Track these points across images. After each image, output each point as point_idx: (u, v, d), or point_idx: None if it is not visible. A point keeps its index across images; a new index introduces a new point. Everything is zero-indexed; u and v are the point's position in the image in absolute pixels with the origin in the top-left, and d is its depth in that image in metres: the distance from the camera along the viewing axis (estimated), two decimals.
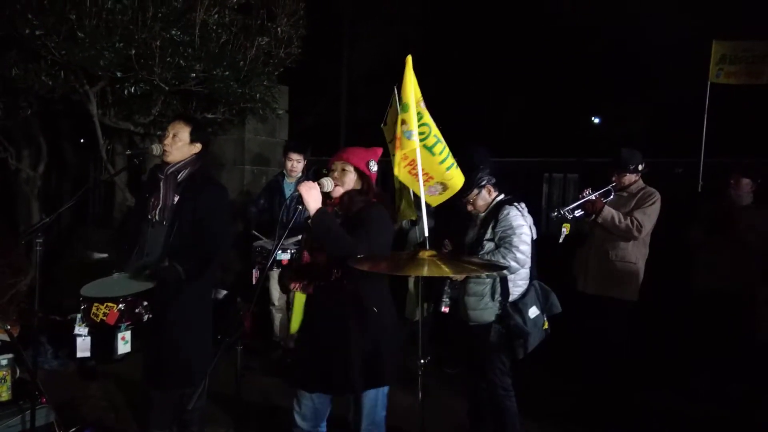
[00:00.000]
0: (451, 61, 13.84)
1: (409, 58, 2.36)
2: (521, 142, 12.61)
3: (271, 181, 5.21)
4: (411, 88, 2.34)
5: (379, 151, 2.67)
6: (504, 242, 3.06)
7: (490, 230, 3.14)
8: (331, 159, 2.65)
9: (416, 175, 2.62)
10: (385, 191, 3.15)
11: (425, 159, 2.79)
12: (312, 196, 2.39)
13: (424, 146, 2.77)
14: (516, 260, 3.01)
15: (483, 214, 3.26)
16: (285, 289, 2.62)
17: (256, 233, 4.67)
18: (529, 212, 3.23)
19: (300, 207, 2.38)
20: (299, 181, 4.74)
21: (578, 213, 3.87)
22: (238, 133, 6.11)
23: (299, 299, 2.48)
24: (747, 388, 3.95)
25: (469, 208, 3.28)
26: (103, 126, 5.21)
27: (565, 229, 3.78)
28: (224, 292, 4.86)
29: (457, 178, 3.03)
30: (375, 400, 2.60)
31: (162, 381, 3.14)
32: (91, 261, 4.71)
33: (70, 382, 4.27)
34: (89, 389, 4.15)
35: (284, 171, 4.92)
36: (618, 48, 12.57)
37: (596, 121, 17.59)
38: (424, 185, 2.56)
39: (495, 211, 3.18)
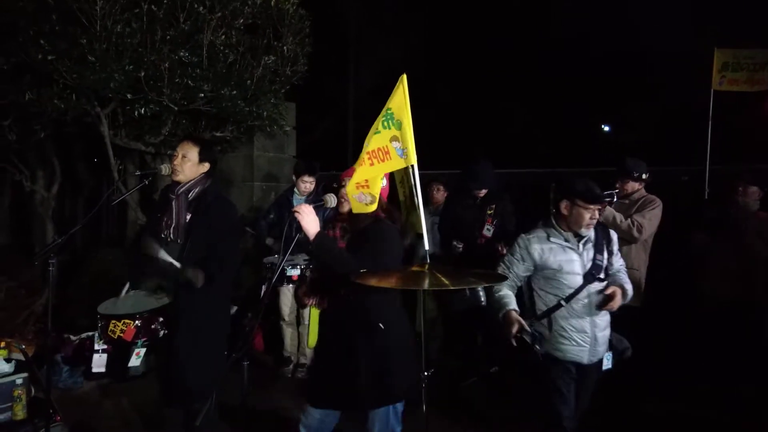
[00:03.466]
0: (458, 73, 13.92)
1: (404, 77, 2.40)
2: (529, 152, 12.63)
3: (280, 195, 5.26)
4: (405, 105, 2.37)
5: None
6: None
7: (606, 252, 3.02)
8: (342, 175, 2.69)
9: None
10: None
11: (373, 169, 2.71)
12: (309, 221, 2.42)
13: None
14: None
15: (588, 234, 2.99)
16: (301, 303, 2.66)
17: (270, 244, 4.72)
18: (537, 222, 3.23)
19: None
20: (309, 197, 4.80)
21: None
22: (246, 150, 6.21)
23: (315, 314, 2.52)
24: (752, 393, 3.91)
25: (589, 226, 2.95)
26: (115, 146, 5.30)
27: None
28: (235, 307, 4.91)
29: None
30: (387, 416, 2.59)
31: (175, 397, 3.18)
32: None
33: (84, 400, 4.31)
34: (103, 408, 4.20)
35: (295, 189, 4.97)
36: (625, 56, 12.58)
37: (606, 129, 17.55)
38: (357, 190, 2.54)
39: (605, 231, 3.11)
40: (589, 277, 2.92)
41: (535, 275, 3.03)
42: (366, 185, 2.52)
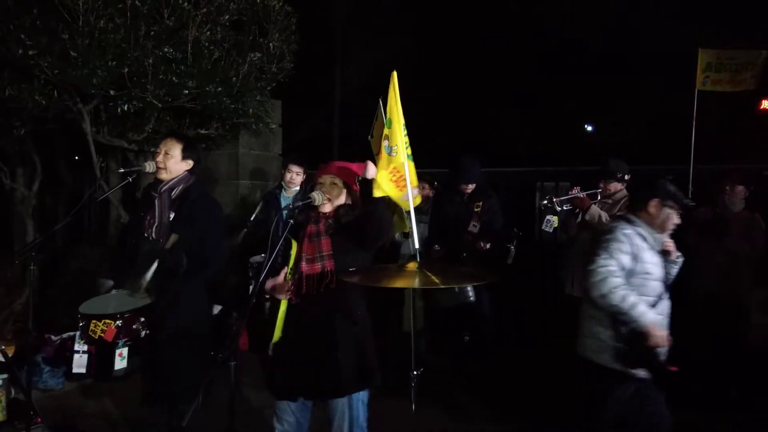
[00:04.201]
0: (444, 73, 13.94)
1: (395, 74, 2.39)
2: (515, 151, 12.70)
3: (267, 193, 5.21)
4: (395, 103, 2.36)
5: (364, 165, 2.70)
6: None
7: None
8: (319, 173, 2.67)
9: (404, 188, 2.63)
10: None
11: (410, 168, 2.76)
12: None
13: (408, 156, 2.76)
14: None
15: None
16: (276, 298, 2.64)
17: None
18: (522, 220, 3.25)
19: (291, 221, 2.40)
20: (296, 195, 4.75)
21: (566, 207, 4.03)
22: (231, 148, 6.15)
23: (283, 307, 2.51)
24: (739, 393, 3.95)
25: (670, 230, 2.78)
26: (97, 144, 5.22)
27: (554, 220, 3.90)
28: (219, 307, 4.85)
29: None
30: (358, 403, 2.62)
31: (159, 398, 3.14)
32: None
33: (65, 401, 4.24)
34: (85, 409, 4.13)
35: (282, 183, 4.91)
36: (609, 57, 12.70)
37: (589, 129, 17.71)
38: (403, 190, 2.57)
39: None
40: (666, 285, 2.74)
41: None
42: (402, 183, 2.54)
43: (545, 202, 4.02)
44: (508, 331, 4.97)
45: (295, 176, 4.80)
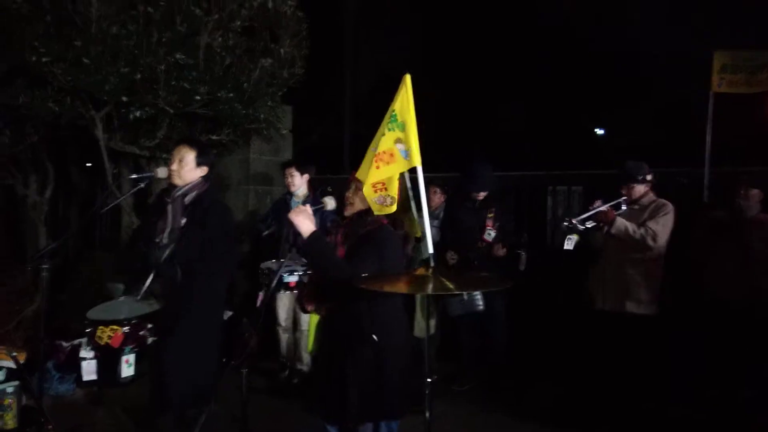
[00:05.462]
0: (453, 76, 13.91)
1: (408, 77, 2.36)
2: (525, 155, 12.62)
3: (278, 200, 5.20)
4: (409, 106, 2.33)
5: None
6: None
7: None
8: (351, 176, 2.63)
9: (379, 191, 2.53)
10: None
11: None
12: (303, 222, 2.36)
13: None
14: None
15: None
16: (302, 308, 2.58)
17: (267, 231, 4.69)
18: (534, 226, 3.18)
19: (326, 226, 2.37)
20: (307, 200, 4.74)
21: (589, 224, 3.83)
22: (242, 153, 6.15)
23: (314, 319, 2.45)
24: (754, 395, 3.87)
25: None
26: (109, 150, 5.24)
27: (575, 238, 3.75)
28: (230, 313, 4.85)
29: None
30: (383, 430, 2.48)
31: (166, 404, 3.12)
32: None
33: (76, 407, 4.23)
34: (96, 414, 4.12)
35: (293, 192, 4.90)
36: (621, 58, 12.60)
37: (600, 132, 17.57)
38: (375, 193, 2.49)
39: None
40: None
41: None
42: (384, 188, 2.48)
43: (565, 223, 3.79)
44: (521, 339, 4.89)
45: (293, 179, 4.78)
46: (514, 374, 4.70)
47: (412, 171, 2.55)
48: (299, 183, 4.80)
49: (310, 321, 4.49)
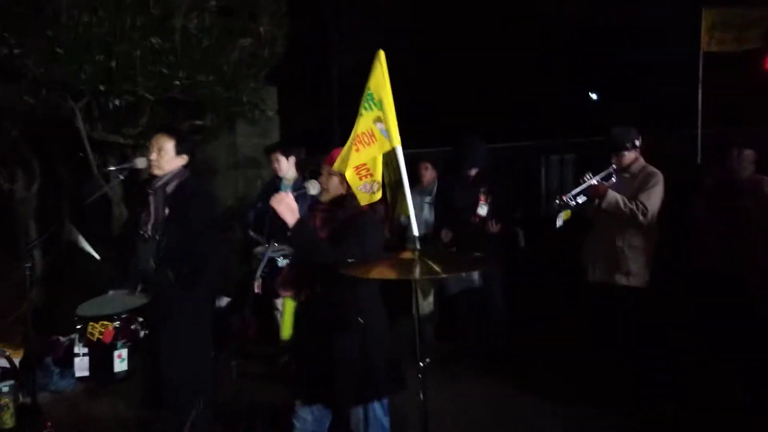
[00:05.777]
0: (443, 49, 13.69)
1: (381, 53, 2.28)
2: (516, 125, 12.48)
3: (267, 183, 5.13)
4: (385, 83, 2.25)
5: None
6: None
7: None
8: (324, 160, 2.58)
9: (365, 177, 2.47)
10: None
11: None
12: (285, 208, 2.30)
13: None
14: None
15: None
16: (274, 294, 2.53)
17: (254, 235, 4.60)
18: (530, 197, 3.11)
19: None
20: (297, 183, 4.67)
21: (581, 199, 3.79)
22: (229, 138, 6.06)
23: (290, 305, 2.40)
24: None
25: None
26: (93, 141, 5.16)
27: (564, 215, 3.71)
28: (226, 299, 4.81)
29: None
30: (373, 410, 2.51)
31: (163, 398, 3.11)
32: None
33: (75, 404, 4.21)
34: (95, 411, 4.10)
35: (282, 176, 4.83)
36: (611, 19, 12.38)
37: (594, 97, 17.38)
38: (360, 181, 2.44)
39: None
40: None
41: None
42: (368, 174, 2.42)
43: (557, 202, 3.75)
44: (521, 316, 4.85)
45: (277, 163, 4.71)
46: (514, 351, 4.68)
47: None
48: (286, 167, 4.73)
49: (284, 307, 4.47)
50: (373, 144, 2.34)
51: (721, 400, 3.70)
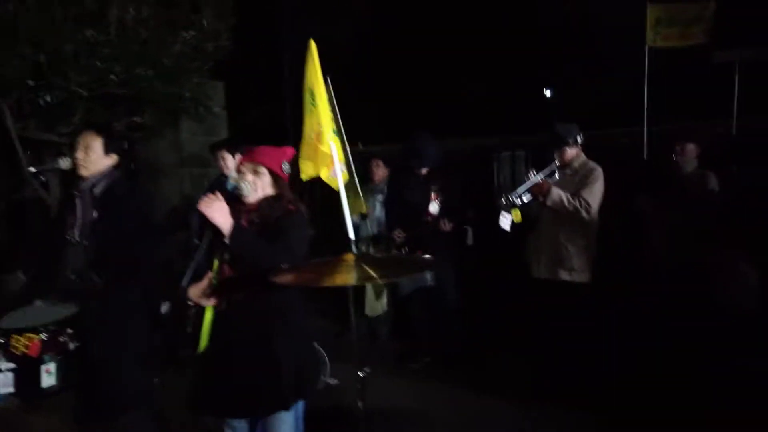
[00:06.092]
0: (393, 44, 13.61)
1: (312, 43, 2.18)
2: (473, 121, 12.53)
3: (212, 182, 4.93)
4: (316, 75, 2.16)
5: (291, 150, 2.48)
6: None
7: None
8: (241, 159, 2.44)
9: (331, 165, 2.42)
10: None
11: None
12: (218, 214, 2.14)
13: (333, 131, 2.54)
14: None
15: None
16: (196, 303, 2.33)
17: (198, 242, 4.41)
18: (484, 194, 3.06)
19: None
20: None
21: (527, 197, 3.79)
22: (172, 135, 5.81)
23: (209, 315, 2.23)
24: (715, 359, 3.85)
25: None
26: (26, 140, 4.85)
27: (513, 217, 3.69)
28: (168, 304, 4.61)
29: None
30: (296, 414, 2.41)
31: (98, 412, 2.92)
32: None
33: (14, 419, 3.95)
34: (34, 426, 3.85)
35: (228, 174, 4.65)
36: (557, 17, 12.55)
37: (548, 93, 17.64)
38: (329, 170, 2.38)
39: None
40: None
41: None
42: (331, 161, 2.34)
43: (502, 200, 3.77)
44: (475, 314, 4.82)
45: (223, 161, 4.54)
46: (469, 347, 4.64)
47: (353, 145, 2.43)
48: (232, 165, 4.55)
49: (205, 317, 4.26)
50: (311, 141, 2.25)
51: (671, 392, 3.73)
